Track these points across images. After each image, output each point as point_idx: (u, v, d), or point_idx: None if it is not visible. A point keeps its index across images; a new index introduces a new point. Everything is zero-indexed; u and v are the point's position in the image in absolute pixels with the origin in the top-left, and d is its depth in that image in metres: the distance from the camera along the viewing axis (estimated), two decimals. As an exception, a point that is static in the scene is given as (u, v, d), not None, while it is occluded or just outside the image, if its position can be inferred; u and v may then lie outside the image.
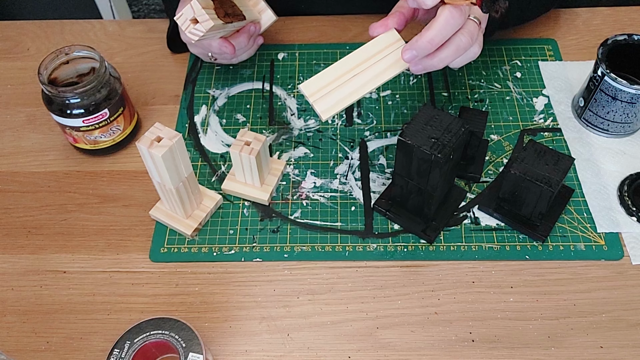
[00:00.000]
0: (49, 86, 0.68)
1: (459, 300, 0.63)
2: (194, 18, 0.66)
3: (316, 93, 0.60)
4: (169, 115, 0.81)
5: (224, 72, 0.85)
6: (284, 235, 0.69)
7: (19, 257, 0.69)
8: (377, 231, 0.69)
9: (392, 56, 0.61)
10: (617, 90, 0.70)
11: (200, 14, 0.65)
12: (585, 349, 0.60)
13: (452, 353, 0.60)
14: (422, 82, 0.83)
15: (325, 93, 0.60)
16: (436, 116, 0.61)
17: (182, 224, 0.69)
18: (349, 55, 0.61)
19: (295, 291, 0.65)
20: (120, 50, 0.89)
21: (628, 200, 0.69)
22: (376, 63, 0.61)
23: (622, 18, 0.89)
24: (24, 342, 0.62)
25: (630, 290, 0.63)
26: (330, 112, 0.60)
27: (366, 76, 0.60)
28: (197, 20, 0.66)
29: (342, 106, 0.60)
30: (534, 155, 0.63)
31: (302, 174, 0.74)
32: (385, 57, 0.61)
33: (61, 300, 0.65)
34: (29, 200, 0.73)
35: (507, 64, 0.84)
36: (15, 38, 0.92)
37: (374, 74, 0.60)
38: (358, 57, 0.61)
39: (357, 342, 0.61)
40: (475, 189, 0.72)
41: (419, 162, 0.60)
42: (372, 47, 0.61)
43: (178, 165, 0.62)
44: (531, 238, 0.67)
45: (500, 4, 0.57)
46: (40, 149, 0.78)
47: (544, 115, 0.78)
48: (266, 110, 0.81)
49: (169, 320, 0.57)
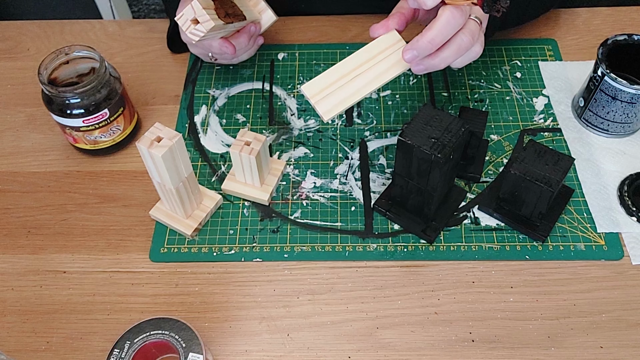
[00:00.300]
0: (49, 86, 0.68)
1: (459, 300, 0.63)
2: (194, 18, 0.66)
3: (317, 94, 0.60)
4: (169, 115, 0.81)
5: (224, 72, 0.85)
6: (284, 235, 0.69)
7: (19, 257, 0.69)
8: (377, 231, 0.69)
9: (393, 57, 0.61)
10: (617, 90, 0.70)
11: (200, 14, 0.65)
12: (585, 349, 0.60)
13: (452, 353, 0.60)
14: (422, 82, 0.83)
15: (327, 94, 0.60)
16: (436, 116, 0.61)
17: (182, 224, 0.69)
18: (350, 57, 0.61)
19: (295, 291, 0.65)
20: (120, 50, 0.89)
21: (628, 200, 0.69)
22: (377, 64, 0.61)
23: (622, 18, 0.89)
24: (24, 342, 0.62)
25: (630, 290, 0.63)
26: (331, 113, 0.60)
27: (367, 77, 0.60)
28: (198, 20, 0.66)
29: (343, 107, 0.60)
30: (534, 155, 0.63)
31: (302, 174, 0.74)
32: (386, 58, 0.61)
33: (61, 300, 0.65)
34: (29, 200, 0.73)
35: (507, 64, 0.84)
36: (15, 38, 0.92)
37: (375, 75, 0.60)
38: (359, 59, 0.61)
39: (357, 342, 0.61)
40: (475, 189, 0.72)
41: (419, 162, 0.61)
42: (373, 48, 0.61)
43: (178, 165, 0.62)
44: (531, 238, 0.67)
45: (501, 4, 0.57)
46: (40, 149, 0.78)
47: (544, 115, 0.78)
48: (266, 110, 0.81)
49: (169, 320, 0.57)
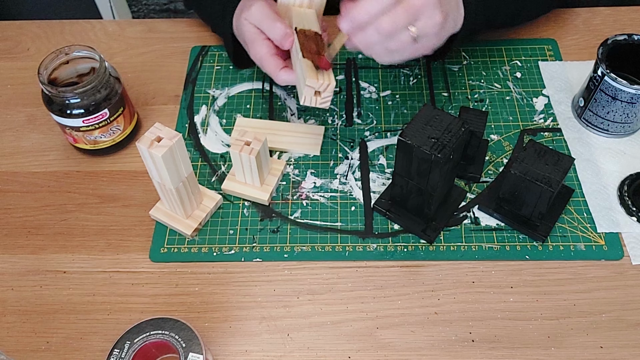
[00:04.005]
0: (49, 86, 0.68)
1: (459, 300, 0.63)
2: (317, 91, 0.65)
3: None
4: (169, 115, 0.81)
5: (224, 72, 0.85)
6: (284, 235, 0.69)
7: (19, 257, 0.69)
8: (377, 231, 0.69)
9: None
10: (617, 90, 0.70)
11: (318, 86, 0.64)
12: (585, 349, 0.60)
13: (452, 353, 0.60)
14: (422, 82, 0.82)
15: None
16: (436, 116, 0.61)
17: (182, 224, 0.69)
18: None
19: (295, 291, 0.65)
20: (120, 50, 0.89)
21: (628, 200, 0.69)
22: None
23: (622, 18, 0.89)
24: (24, 342, 0.62)
25: (630, 290, 0.63)
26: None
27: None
28: (319, 92, 0.65)
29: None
30: (534, 155, 0.63)
31: (302, 174, 0.74)
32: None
33: (61, 300, 0.65)
34: (29, 200, 0.73)
35: (507, 64, 0.84)
36: (15, 38, 0.92)
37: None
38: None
39: (357, 342, 0.61)
40: (475, 189, 0.72)
41: (419, 162, 0.60)
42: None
43: (178, 165, 0.62)
44: (531, 238, 0.67)
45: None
46: (40, 149, 0.78)
47: (544, 115, 0.78)
48: (266, 110, 0.81)
49: (169, 320, 0.57)
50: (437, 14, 0.61)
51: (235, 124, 0.78)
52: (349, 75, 0.84)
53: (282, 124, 0.77)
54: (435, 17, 0.61)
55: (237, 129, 0.77)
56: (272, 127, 0.77)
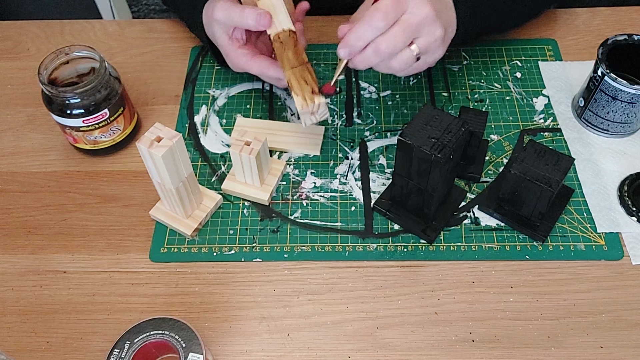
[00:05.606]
0: (49, 86, 0.68)
1: (459, 300, 0.63)
2: (312, 112, 0.66)
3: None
4: (169, 115, 0.81)
5: (224, 72, 0.85)
6: (284, 235, 0.69)
7: (18, 257, 0.69)
8: (377, 231, 0.69)
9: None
10: (617, 90, 0.70)
11: (309, 111, 0.65)
12: (585, 349, 0.60)
13: (452, 353, 0.60)
14: (422, 82, 0.83)
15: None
16: (436, 116, 0.61)
17: (182, 224, 0.69)
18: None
19: (295, 291, 0.65)
20: (120, 50, 0.89)
21: (628, 200, 0.69)
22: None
23: (622, 18, 0.89)
24: (24, 342, 0.62)
25: (630, 290, 0.63)
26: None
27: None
28: (314, 112, 0.66)
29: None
30: (534, 155, 0.63)
31: (302, 174, 0.74)
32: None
33: (61, 300, 0.65)
34: (29, 200, 0.73)
35: (507, 64, 0.84)
36: (15, 38, 0.92)
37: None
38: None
39: (357, 342, 0.61)
40: (475, 189, 0.72)
41: (419, 162, 0.61)
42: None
43: (178, 165, 0.62)
44: (531, 238, 0.67)
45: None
46: (40, 149, 0.78)
47: (544, 116, 0.78)
48: (266, 110, 0.81)
49: (169, 320, 0.57)
50: (437, 28, 0.60)
51: (235, 124, 0.78)
52: (349, 75, 0.84)
53: (282, 124, 0.77)
54: (436, 32, 0.60)
55: (237, 129, 0.77)
56: (272, 127, 0.77)
